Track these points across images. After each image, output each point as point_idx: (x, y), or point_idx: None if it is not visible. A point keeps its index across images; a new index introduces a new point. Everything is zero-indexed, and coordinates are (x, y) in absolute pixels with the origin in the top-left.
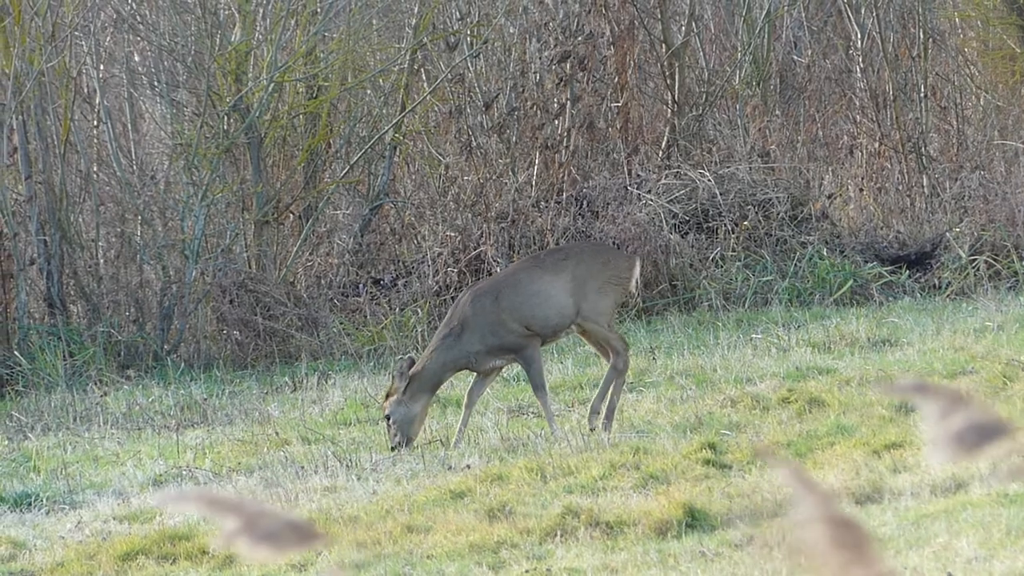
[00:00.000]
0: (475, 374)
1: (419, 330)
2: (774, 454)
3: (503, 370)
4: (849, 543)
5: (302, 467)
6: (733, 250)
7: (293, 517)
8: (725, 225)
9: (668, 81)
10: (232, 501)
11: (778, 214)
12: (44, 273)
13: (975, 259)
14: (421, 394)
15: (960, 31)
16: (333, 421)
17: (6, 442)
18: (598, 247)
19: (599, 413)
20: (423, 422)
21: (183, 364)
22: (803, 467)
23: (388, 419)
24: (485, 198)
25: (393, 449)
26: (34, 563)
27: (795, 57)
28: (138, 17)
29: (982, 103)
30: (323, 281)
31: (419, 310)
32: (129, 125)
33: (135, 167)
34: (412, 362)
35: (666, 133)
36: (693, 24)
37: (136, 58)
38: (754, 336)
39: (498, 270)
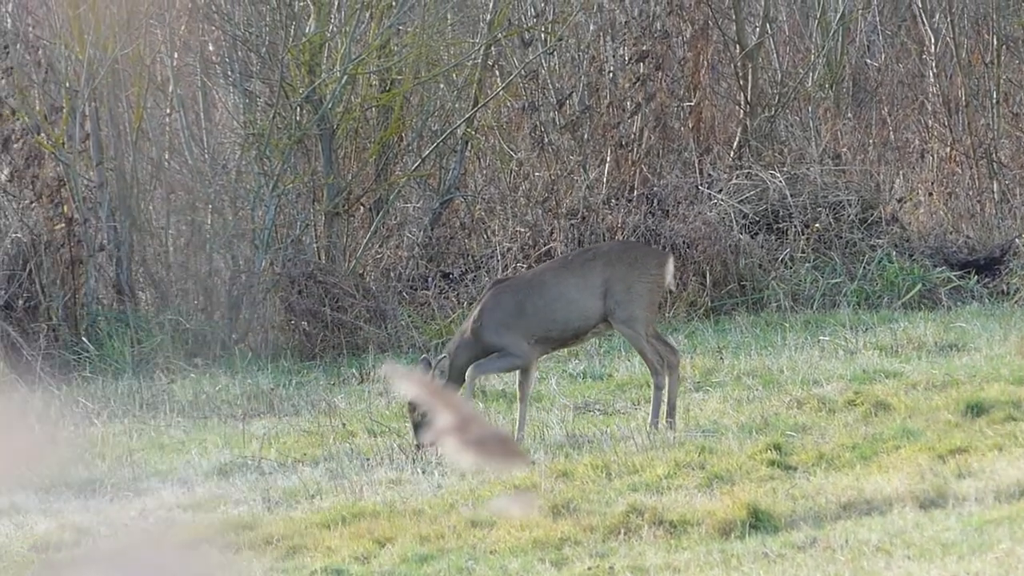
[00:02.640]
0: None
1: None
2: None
3: (569, 365)
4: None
5: (367, 459)
6: (802, 251)
7: (503, 431)
8: (795, 226)
9: (741, 82)
10: (452, 398)
11: (848, 216)
12: (113, 260)
13: None
14: (452, 390)
15: None
16: (399, 414)
17: (72, 428)
18: (627, 246)
19: (669, 425)
20: None
21: (250, 353)
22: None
23: (425, 416)
24: (556, 195)
25: (420, 447)
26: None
27: (868, 60)
28: (213, 7)
29: None
30: (392, 274)
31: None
32: (201, 114)
33: (207, 156)
34: (430, 363)
35: (738, 133)
36: (767, 25)
37: (210, 47)
38: (822, 338)
39: None
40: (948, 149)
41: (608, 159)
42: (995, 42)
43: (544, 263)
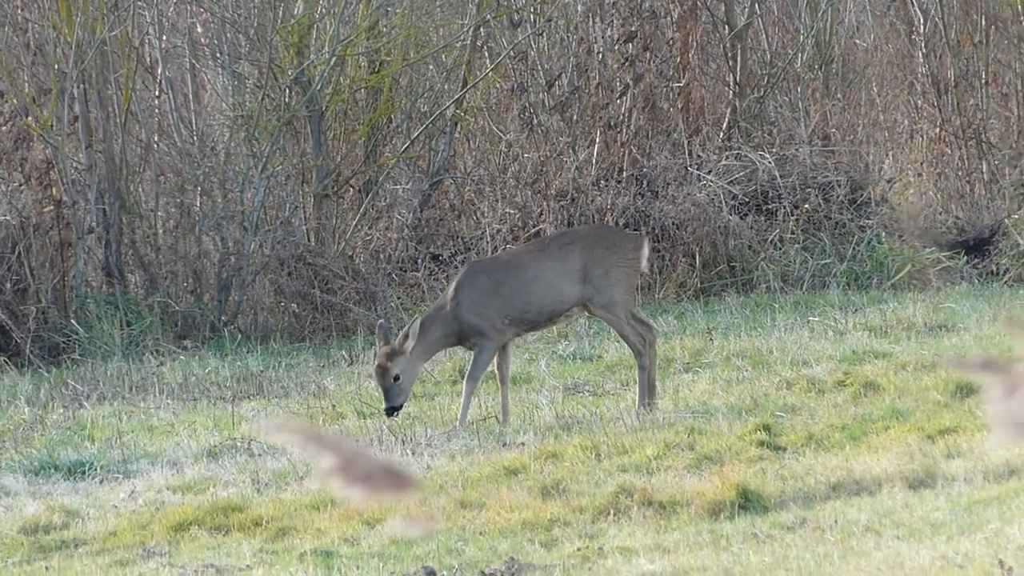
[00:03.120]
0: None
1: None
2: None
3: (558, 347)
4: None
5: (357, 441)
6: (792, 232)
7: (390, 462)
8: (784, 207)
9: (730, 63)
10: (331, 440)
11: (837, 197)
12: (103, 242)
13: None
14: (420, 358)
15: (1023, 18)
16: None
17: (61, 410)
18: (604, 230)
19: (648, 406)
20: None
21: (240, 336)
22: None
23: (397, 379)
24: (545, 176)
25: (390, 412)
26: (87, 532)
27: (857, 41)
28: None
29: None
30: (382, 256)
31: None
32: (190, 96)
33: (195, 138)
34: (390, 328)
35: (727, 114)
36: (756, 6)
37: (199, 29)
38: (811, 319)
39: None
40: (937, 130)
41: (597, 140)
42: (983, 22)
43: (520, 245)
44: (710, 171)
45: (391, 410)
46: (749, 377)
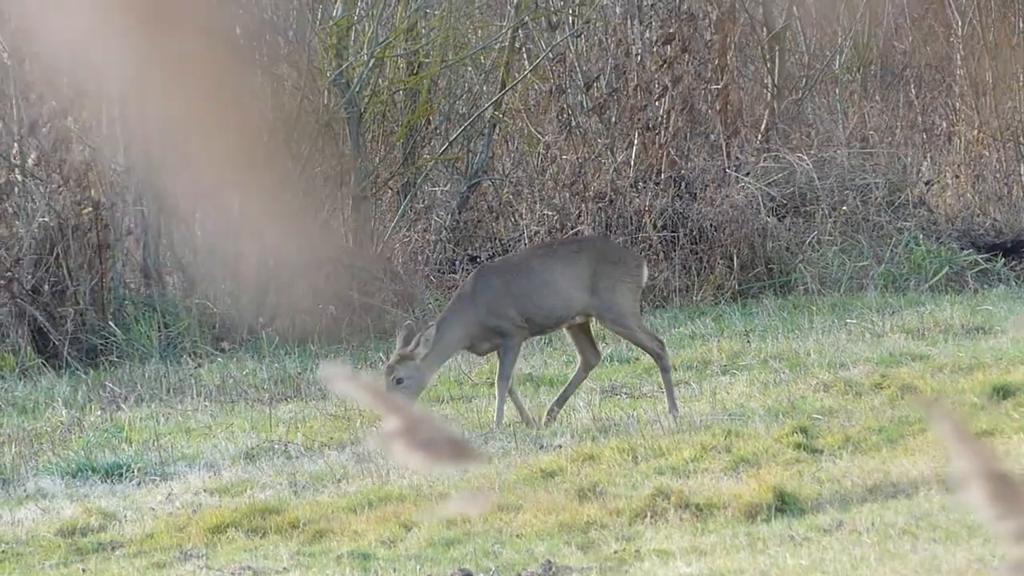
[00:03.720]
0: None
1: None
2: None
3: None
4: (1007, 496)
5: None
6: (830, 234)
7: (453, 431)
8: (822, 209)
9: (768, 64)
10: (397, 401)
11: (875, 199)
12: (141, 244)
13: None
14: (434, 365)
15: None
16: (426, 397)
17: (99, 412)
18: (609, 243)
19: (561, 406)
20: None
21: (278, 338)
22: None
23: (400, 382)
24: (583, 178)
25: None
26: (123, 534)
27: (895, 43)
28: None
29: None
30: (420, 257)
31: None
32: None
33: None
34: (413, 330)
35: (765, 116)
36: (794, 8)
37: (237, 31)
38: (848, 321)
39: None
40: (975, 132)
41: (635, 142)
42: (1021, 24)
43: (527, 248)
44: (748, 173)
45: None
46: (786, 379)
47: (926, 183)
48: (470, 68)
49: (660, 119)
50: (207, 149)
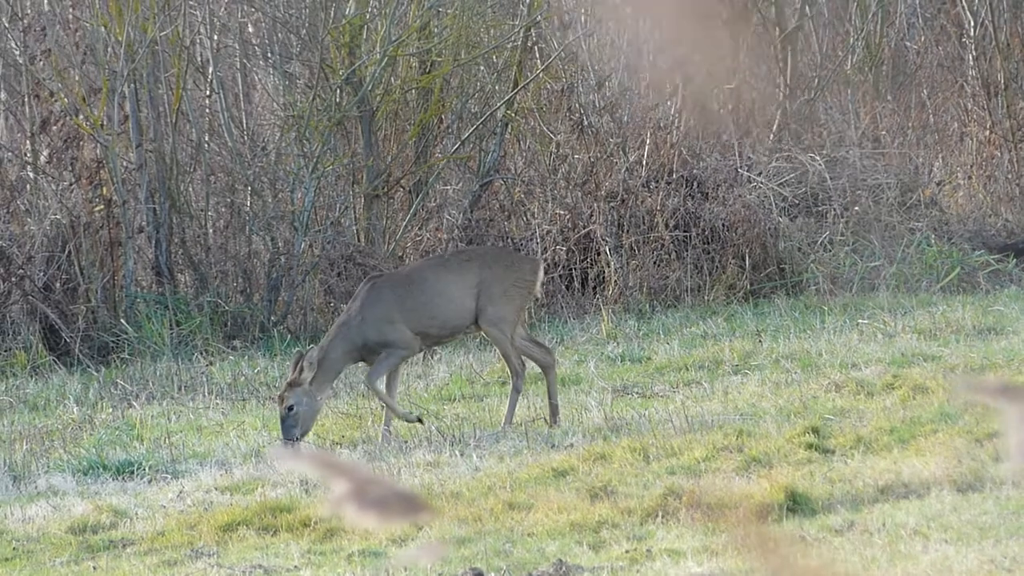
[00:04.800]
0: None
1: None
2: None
3: (607, 348)
4: None
5: (406, 441)
6: (842, 235)
7: (402, 488)
8: (834, 209)
9: (780, 64)
10: (343, 465)
11: (887, 200)
12: (152, 241)
13: None
14: (324, 385)
15: None
16: (438, 396)
17: (111, 410)
18: (502, 251)
19: (557, 413)
20: (320, 414)
21: (289, 336)
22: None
23: (291, 410)
24: (595, 177)
25: (288, 441)
26: (135, 532)
27: (907, 43)
28: None
29: None
30: (432, 256)
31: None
32: (241, 96)
33: (246, 138)
34: (303, 356)
35: (777, 116)
36: (807, 8)
37: (250, 29)
38: (860, 321)
39: (607, 250)
40: (987, 132)
41: (647, 141)
42: None
43: (419, 260)
44: (760, 173)
45: (287, 442)
46: (798, 379)
47: (938, 184)
48: (482, 67)
49: (672, 118)
50: None
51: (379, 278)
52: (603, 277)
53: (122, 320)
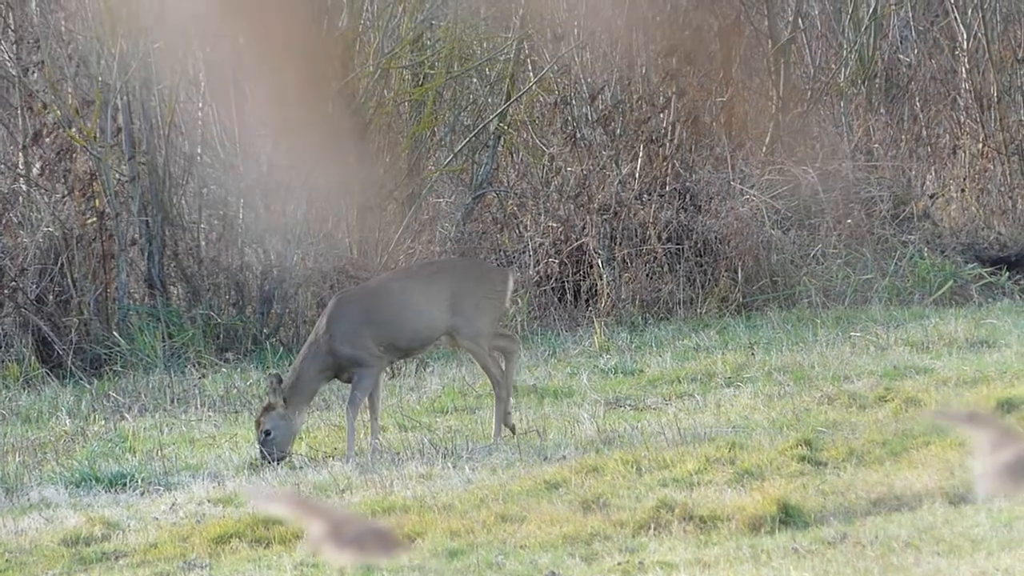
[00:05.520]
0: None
1: (519, 320)
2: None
3: (600, 361)
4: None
5: (398, 454)
6: (834, 247)
7: (377, 524)
8: (827, 222)
9: (773, 77)
10: (319, 506)
11: (880, 212)
12: (145, 254)
13: None
14: (299, 407)
15: None
16: (430, 408)
17: (103, 422)
18: (471, 262)
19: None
20: (298, 435)
21: (282, 348)
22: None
23: (268, 434)
24: (588, 189)
25: (268, 463)
26: (127, 544)
27: (900, 56)
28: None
29: None
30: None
31: (519, 300)
32: (233, 108)
33: (239, 150)
34: (280, 378)
35: (770, 129)
36: (799, 21)
37: (242, 41)
38: (853, 334)
39: (599, 262)
40: (980, 145)
41: (640, 154)
42: None
43: (385, 273)
44: (753, 185)
45: (267, 464)
46: (790, 392)
47: (931, 196)
48: (475, 79)
49: (664, 131)
50: None
51: (345, 294)
52: (596, 290)
53: (115, 332)
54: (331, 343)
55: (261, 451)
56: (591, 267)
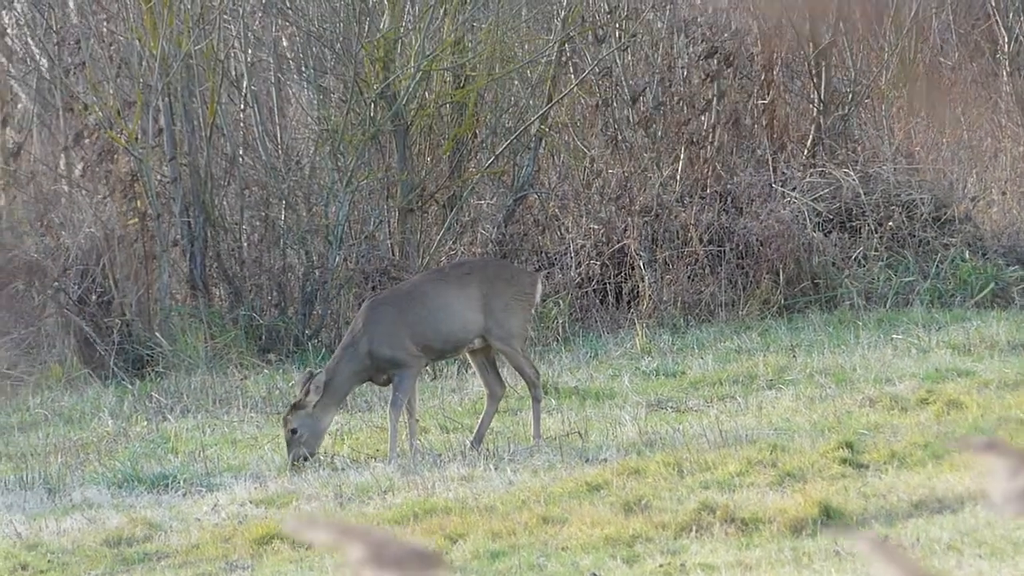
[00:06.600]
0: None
1: (560, 322)
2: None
3: (642, 363)
4: None
5: (440, 455)
6: (876, 250)
7: (416, 545)
8: (868, 225)
9: (815, 80)
10: (357, 530)
11: (921, 215)
12: (187, 255)
13: None
14: (329, 408)
15: None
16: (472, 410)
17: (145, 423)
18: (501, 264)
19: (481, 441)
20: (326, 436)
21: (324, 349)
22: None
23: (294, 433)
24: (629, 192)
25: (294, 464)
26: (169, 545)
27: (941, 59)
28: (287, 2)
29: None
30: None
31: (560, 302)
32: (275, 110)
33: (280, 152)
34: (314, 376)
35: (811, 131)
36: (840, 24)
37: (284, 43)
38: (894, 336)
39: (641, 264)
40: (1021, 148)
41: (681, 156)
42: None
43: (417, 276)
44: (794, 188)
45: (292, 466)
46: (832, 394)
47: (972, 199)
48: (516, 82)
49: (705, 133)
50: None
51: (378, 297)
52: (637, 292)
53: (157, 333)
54: (370, 346)
55: (288, 449)
56: (632, 269)
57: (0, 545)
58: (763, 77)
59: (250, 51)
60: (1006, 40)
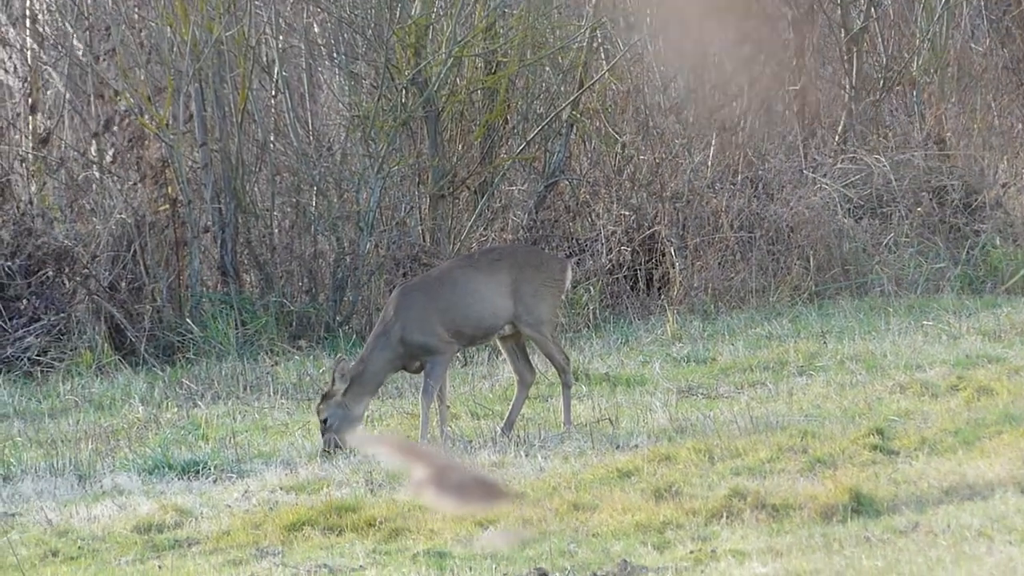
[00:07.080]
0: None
1: (591, 308)
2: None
3: (672, 349)
4: None
5: (470, 441)
6: (906, 236)
7: (481, 473)
8: (899, 211)
9: (846, 66)
10: (423, 451)
11: (952, 201)
12: (218, 241)
13: None
14: (362, 397)
15: None
16: (503, 396)
17: (176, 409)
18: (531, 250)
19: (512, 427)
20: (360, 425)
21: (354, 336)
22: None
23: (325, 423)
24: (660, 178)
25: (325, 452)
26: (200, 531)
27: (973, 45)
28: None
29: None
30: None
31: (591, 288)
32: (307, 96)
33: (312, 138)
34: (346, 362)
35: (843, 118)
36: (872, 10)
37: (315, 29)
38: (925, 323)
39: (672, 251)
40: None
41: (713, 142)
42: None
43: (447, 262)
44: (825, 174)
45: (323, 453)
46: (863, 381)
47: (1003, 185)
48: (548, 68)
49: (737, 119)
50: None
51: (409, 284)
52: (668, 278)
53: (187, 320)
54: (402, 332)
55: (322, 437)
56: (663, 255)
57: (31, 532)
58: (795, 63)
59: (281, 37)
60: None
